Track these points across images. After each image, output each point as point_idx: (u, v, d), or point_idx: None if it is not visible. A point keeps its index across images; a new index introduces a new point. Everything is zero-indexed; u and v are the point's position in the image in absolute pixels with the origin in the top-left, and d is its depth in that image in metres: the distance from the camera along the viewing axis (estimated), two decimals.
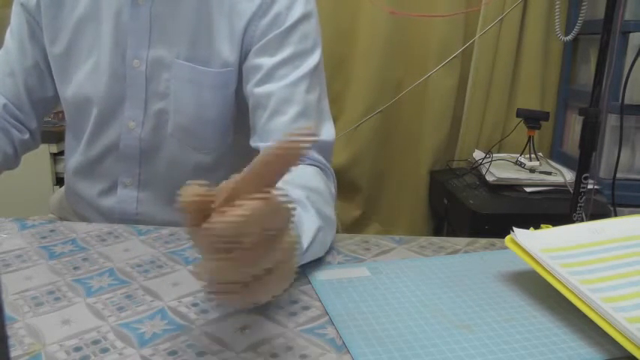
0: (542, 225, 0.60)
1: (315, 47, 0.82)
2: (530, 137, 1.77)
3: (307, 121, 0.78)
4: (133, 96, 0.83)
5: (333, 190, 0.76)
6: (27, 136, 0.92)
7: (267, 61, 0.79)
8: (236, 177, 0.39)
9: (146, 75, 0.82)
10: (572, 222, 1.21)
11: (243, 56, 0.82)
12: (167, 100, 0.83)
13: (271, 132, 0.77)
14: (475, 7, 1.90)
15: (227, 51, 0.81)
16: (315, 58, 0.81)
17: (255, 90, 0.79)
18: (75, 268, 0.61)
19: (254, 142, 0.81)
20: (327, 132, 0.81)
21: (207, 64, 0.81)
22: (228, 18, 0.80)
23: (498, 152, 1.93)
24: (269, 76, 0.79)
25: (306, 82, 0.79)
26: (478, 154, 1.89)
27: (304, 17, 0.80)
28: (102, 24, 0.83)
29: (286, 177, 0.66)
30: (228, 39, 0.81)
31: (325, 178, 0.74)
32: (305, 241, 0.57)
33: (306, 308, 0.53)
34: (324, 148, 0.78)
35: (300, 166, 0.72)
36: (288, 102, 0.77)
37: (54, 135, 1.91)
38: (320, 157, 0.77)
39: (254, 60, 0.80)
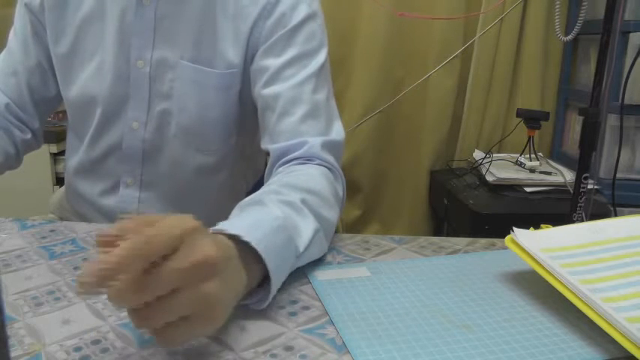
0: (542, 225, 0.60)
1: (321, 47, 0.82)
2: (530, 137, 1.77)
3: (315, 120, 0.77)
4: (136, 96, 0.83)
5: (340, 192, 0.74)
6: (29, 136, 0.92)
7: (273, 62, 0.79)
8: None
9: (150, 76, 0.82)
10: (572, 222, 1.21)
11: (249, 58, 0.82)
12: (170, 100, 0.83)
13: (281, 133, 0.77)
14: (475, 13, 1.90)
15: (231, 52, 0.81)
16: (321, 58, 0.81)
17: (262, 92, 0.79)
18: (75, 268, 0.61)
19: (264, 144, 0.81)
20: (337, 131, 0.80)
21: (212, 65, 0.81)
22: (233, 20, 0.80)
23: (498, 152, 1.93)
24: (276, 77, 0.79)
25: (313, 81, 0.79)
26: (478, 154, 1.89)
27: (309, 17, 0.80)
28: (106, 24, 0.83)
29: (288, 180, 0.66)
30: (233, 40, 0.81)
31: (331, 180, 0.72)
32: (301, 245, 0.57)
33: (306, 308, 0.53)
34: (333, 147, 0.77)
35: (306, 167, 0.72)
36: (295, 102, 0.77)
37: (54, 135, 1.91)
38: (329, 157, 0.76)
39: (260, 62, 0.80)
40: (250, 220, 0.53)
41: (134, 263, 0.38)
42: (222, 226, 0.50)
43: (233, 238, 0.49)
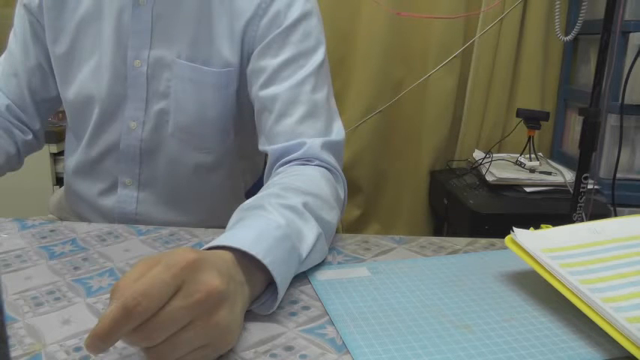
0: (542, 225, 0.60)
1: (319, 45, 0.81)
2: (530, 137, 1.77)
3: (314, 121, 0.77)
4: (133, 96, 0.83)
5: (341, 194, 0.74)
6: (30, 137, 0.92)
7: (270, 63, 0.78)
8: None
9: (147, 75, 0.82)
10: (572, 222, 1.21)
11: (245, 57, 0.82)
12: (168, 100, 0.83)
13: (279, 135, 0.76)
14: (476, 11, 1.90)
15: (227, 51, 0.81)
16: (319, 57, 0.80)
17: (260, 93, 0.79)
18: (75, 268, 0.61)
19: (262, 146, 0.80)
20: (337, 131, 0.79)
21: (208, 64, 0.81)
22: (228, 18, 0.80)
23: (498, 152, 1.93)
24: (273, 77, 0.78)
25: (311, 81, 0.78)
26: (478, 154, 1.89)
27: (304, 16, 0.80)
28: (104, 24, 0.83)
29: (288, 182, 0.66)
30: (228, 39, 0.80)
31: (332, 181, 0.72)
32: (304, 252, 0.57)
33: (306, 308, 0.53)
34: (334, 147, 0.77)
35: (305, 169, 0.71)
36: (293, 103, 0.77)
37: (54, 135, 1.91)
38: (330, 158, 0.75)
39: (257, 62, 0.80)
40: (254, 232, 0.52)
41: (125, 326, 0.38)
42: (225, 239, 0.50)
43: (237, 250, 0.49)
